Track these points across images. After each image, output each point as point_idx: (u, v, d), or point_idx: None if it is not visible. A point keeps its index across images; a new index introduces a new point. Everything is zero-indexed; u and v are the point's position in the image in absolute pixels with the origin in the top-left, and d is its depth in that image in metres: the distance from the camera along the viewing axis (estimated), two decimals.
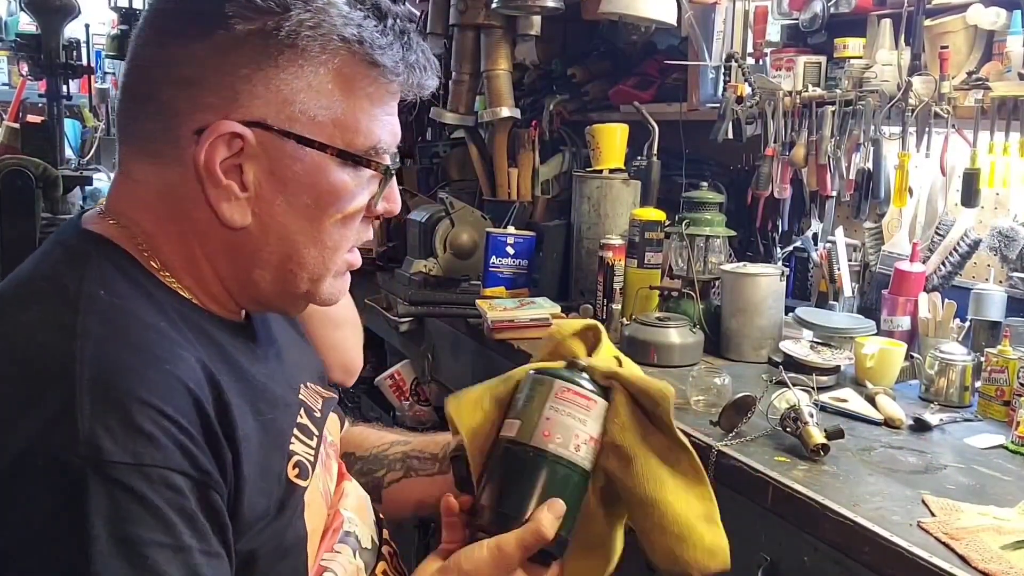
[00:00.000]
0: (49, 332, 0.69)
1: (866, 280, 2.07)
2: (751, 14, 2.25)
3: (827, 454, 1.31)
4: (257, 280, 0.82)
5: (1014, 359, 1.50)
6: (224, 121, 0.75)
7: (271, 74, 0.75)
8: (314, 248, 0.81)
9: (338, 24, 0.77)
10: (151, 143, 0.78)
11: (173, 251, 0.80)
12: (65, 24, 3.61)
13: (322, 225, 0.80)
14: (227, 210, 0.77)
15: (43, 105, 3.72)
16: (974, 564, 1.01)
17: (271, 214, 0.79)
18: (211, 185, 0.76)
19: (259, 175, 0.77)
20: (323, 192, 0.79)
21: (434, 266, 2.55)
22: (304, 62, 0.76)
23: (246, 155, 0.76)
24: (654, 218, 2.07)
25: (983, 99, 1.69)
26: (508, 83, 2.75)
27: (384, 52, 0.79)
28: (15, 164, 3.05)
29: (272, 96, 0.76)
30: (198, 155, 0.75)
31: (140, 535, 0.64)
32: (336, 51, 0.77)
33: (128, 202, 0.80)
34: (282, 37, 0.75)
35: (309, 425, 0.88)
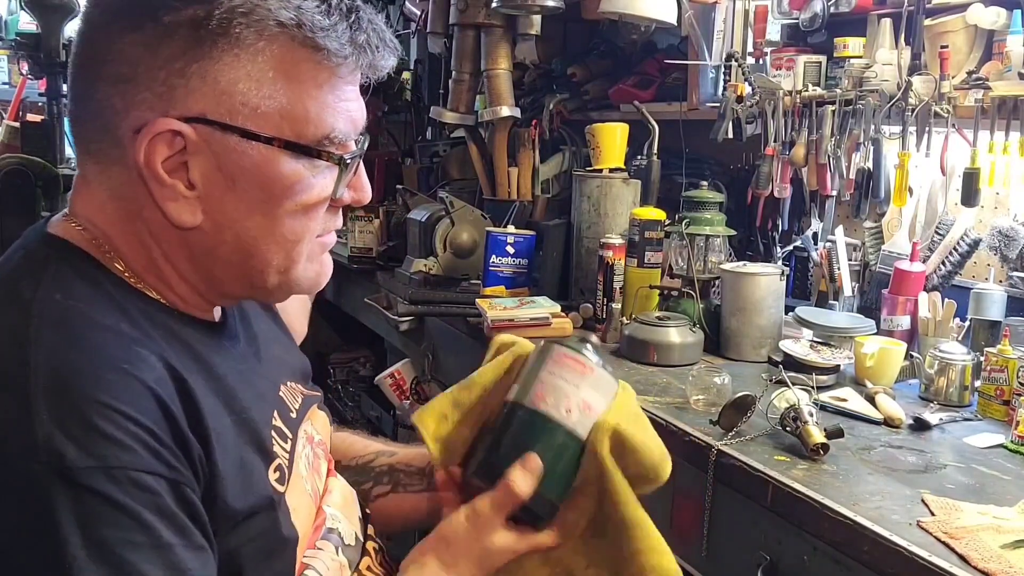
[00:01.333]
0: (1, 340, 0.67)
1: (866, 279, 2.07)
2: (751, 13, 2.25)
3: (827, 453, 1.31)
4: (221, 277, 0.80)
5: (1014, 359, 1.50)
6: (161, 119, 0.72)
7: (206, 66, 0.72)
8: (273, 243, 0.78)
9: (274, 8, 0.73)
10: (94, 144, 0.76)
11: (132, 252, 0.77)
12: (65, 23, 3.60)
13: (278, 219, 0.77)
14: (175, 210, 0.74)
15: (43, 104, 3.71)
16: (974, 563, 1.01)
17: (222, 211, 0.75)
18: (155, 185, 0.73)
19: (206, 172, 0.74)
20: (276, 185, 0.76)
21: (434, 265, 2.55)
22: (240, 51, 0.72)
23: (190, 152, 0.73)
24: (654, 217, 2.07)
25: (983, 99, 1.69)
26: (508, 82, 2.75)
27: (327, 34, 0.74)
28: (15, 163, 3.05)
29: (209, 89, 0.72)
30: (137, 156, 0.72)
31: (114, 537, 0.63)
32: (274, 37, 0.73)
33: (86, 204, 0.78)
34: (213, 26, 0.71)
35: (283, 427, 0.86)
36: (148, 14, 0.71)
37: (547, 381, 0.88)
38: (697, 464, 1.38)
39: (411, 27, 3.63)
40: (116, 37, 0.73)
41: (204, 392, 0.74)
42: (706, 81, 2.48)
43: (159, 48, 0.71)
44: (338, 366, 3.67)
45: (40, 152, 3.27)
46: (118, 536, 0.63)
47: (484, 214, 2.61)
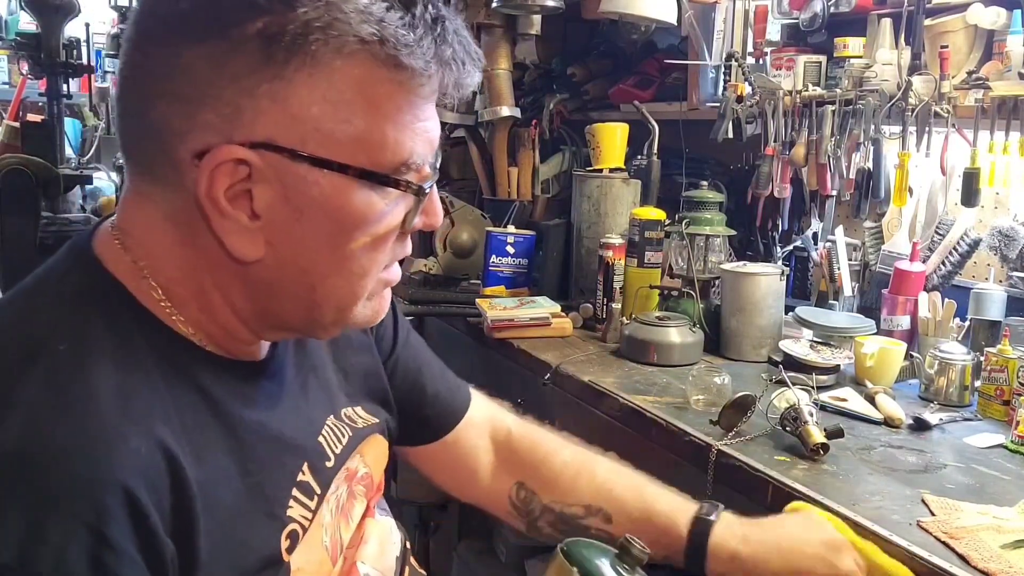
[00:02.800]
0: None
1: (866, 279, 2.07)
2: (751, 13, 2.25)
3: (827, 453, 1.31)
4: (277, 312, 0.73)
5: (1014, 358, 1.50)
6: (226, 147, 0.65)
7: (277, 86, 0.64)
8: (339, 277, 0.71)
9: (354, 22, 0.64)
10: (151, 164, 0.69)
11: (180, 279, 0.71)
12: (65, 23, 3.61)
13: (347, 252, 0.70)
14: (236, 243, 0.68)
15: (43, 104, 3.72)
16: (974, 563, 1.01)
17: (287, 244, 0.69)
18: (216, 216, 0.67)
19: (271, 202, 0.67)
20: (346, 218, 0.69)
21: (434, 265, 2.55)
22: (315, 70, 0.65)
23: (255, 180, 0.66)
24: (654, 217, 2.07)
25: (983, 98, 1.69)
26: (508, 82, 2.75)
27: (412, 51, 0.66)
28: (15, 163, 3.05)
29: (280, 112, 0.65)
30: (198, 184, 0.66)
31: None
32: (353, 55, 0.65)
33: (136, 219, 0.72)
34: (287, 42, 0.63)
35: (311, 482, 0.79)
36: (215, 27, 0.64)
37: None
38: (697, 464, 1.38)
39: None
40: (177, 51, 0.65)
41: (212, 458, 0.69)
42: (706, 81, 2.47)
43: (226, 65, 0.64)
44: None
45: (40, 152, 3.27)
46: None
47: (484, 214, 2.61)
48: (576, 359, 1.86)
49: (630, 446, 1.41)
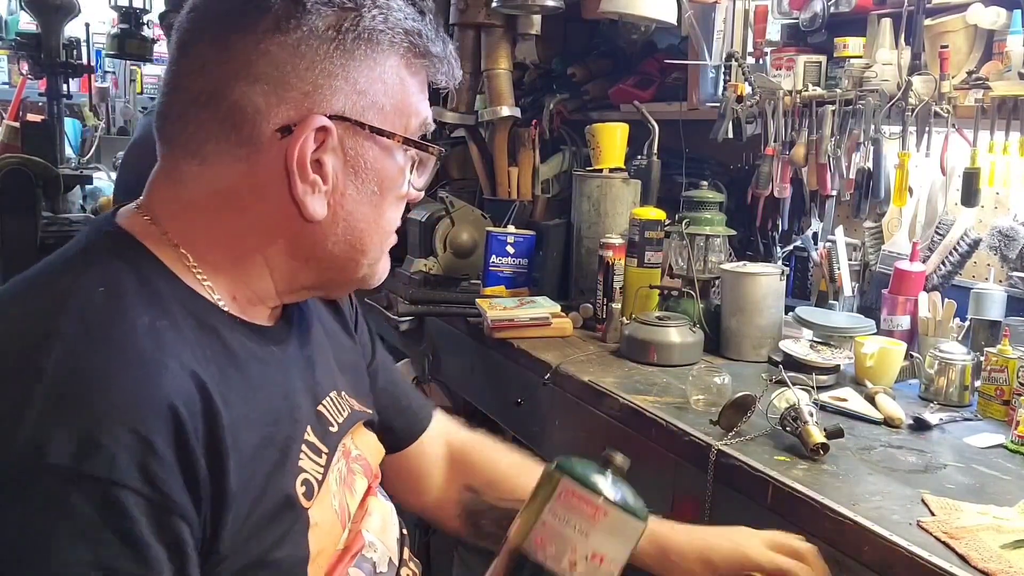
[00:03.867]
0: (26, 330, 0.67)
1: (866, 279, 2.07)
2: (751, 13, 2.25)
3: (827, 453, 1.31)
4: (315, 268, 0.83)
5: (1014, 358, 1.50)
6: (315, 115, 0.76)
7: (350, 68, 0.77)
8: (376, 233, 0.84)
9: (400, 19, 0.80)
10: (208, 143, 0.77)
11: (218, 248, 0.78)
12: (65, 23, 3.61)
13: (382, 210, 0.83)
14: (311, 203, 0.78)
15: (43, 104, 3.72)
16: (974, 563, 1.01)
17: (342, 204, 0.80)
18: (300, 179, 0.76)
19: (336, 167, 0.79)
20: (387, 178, 0.82)
21: (434, 265, 2.55)
22: (377, 54, 0.79)
23: (326, 149, 0.77)
24: (654, 217, 2.07)
25: (983, 98, 1.69)
26: (508, 82, 2.75)
27: (433, 42, 0.83)
28: (15, 163, 3.05)
29: (350, 88, 0.78)
30: (291, 150, 0.75)
31: (61, 546, 0.61)
32: (400, 43, 0.80)
33: (167, 200, 0.79)
34: (360, 31, 0.77)
35: (317, 443, 0.84)
36: (297, 19, 0.75)
37: (550, 524, 0.77)
38: (697, 464, 1.38)
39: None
40: (259, 39, 0.75)
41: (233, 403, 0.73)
42: (706, 81, 2.47)
43: (306, 51, 0.75)
44: None
45: (40, 152, 3.28)
46: (63, 546, 0.61)
47: (484, 214, 2.61)
48: (576, 359, 1.86)
49: (630, 446, 1.41)
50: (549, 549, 0.76)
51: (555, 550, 0.75)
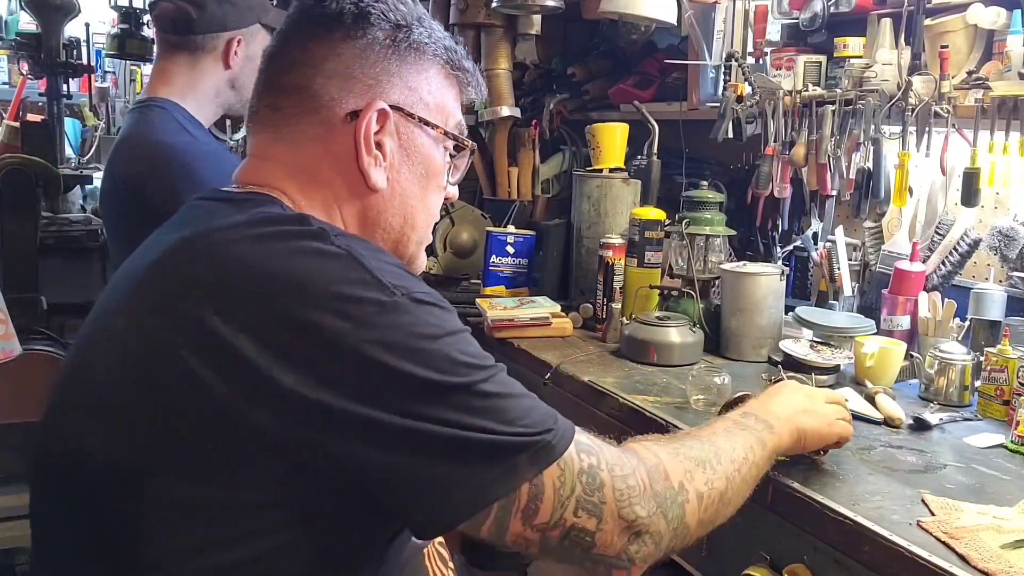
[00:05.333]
0: (309, 234, 0.84)
1: (866, 279, 2.07)
2: (751, 13, 2.25)
3: (827, 453, 1.31)
4: (376, 239, 0.98)
5: (1014, 358, 1.50)
6: (378, 101, 0.95)
7: (403, 68, 0.97)
8: (423, 213, 1.02)
9: (440, 37, 1.01)
10: (293, 126, 0.95)
11: (317, 212, 0.94)
12: (65, 23, 3.60)
13: (429, 193, 1.02)
14: (375, 174, 0.96)
15: (43, 104, 3.72)
16: (974, 563, 1.01)
17: (399, 180, 0.98)
18: (366, 152, 0.95)
19: (393, 148, 0.97)
20: (432, 165, 1.01)
21: (434, 265, 2.55)
22: (424, 61, 0.99)
23: (385, 132, 0.96)
24: (654, 217, 2.07)
25: (983, 98, 1.69)
26: (508, 82, 2.76)
27: (466, 60, 1.04)
28: (15, 163, 3.05)
29: (404, 84, 0.97)
30: (359, 127, 0.94)
31: (456, 327, 0.86)
32: (440, 55, 1.01)
33: (267, 176, 0.95)
34: (411, 42, 0.97)
35: None
36: (361, 28, 0.95)
37: None
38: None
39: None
40: (335, 45, 0.95)
41: None
42: (706, 81, 2.47)
43: (369, 54, 0.95)
44: None
45: (40, 152, 3.27)
46: (459, 326, 0.86)
47: (484, 214, 2.62)
48: (576, 359, 1.86)
49: None
50: None
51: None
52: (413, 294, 0.83)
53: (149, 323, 0.82)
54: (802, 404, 1.20)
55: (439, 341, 0.82)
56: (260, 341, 0.77)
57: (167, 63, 1.74)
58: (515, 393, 0.88)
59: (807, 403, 1.21)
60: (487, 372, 0.85)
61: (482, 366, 0.85)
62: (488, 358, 0.88)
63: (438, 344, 0.82)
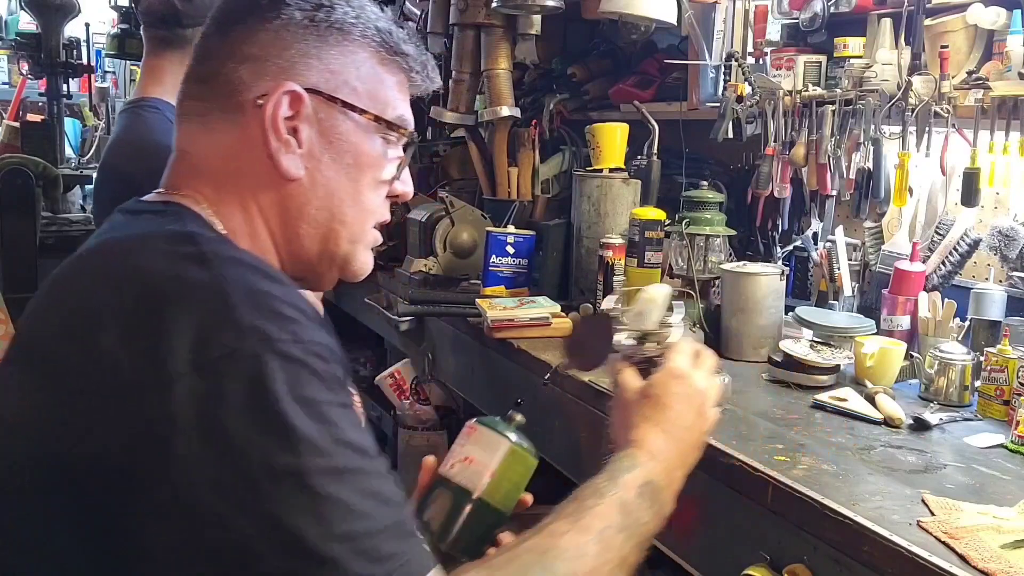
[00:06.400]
0: (184, 259, 0.78)
1: (866, 279, 2.06)
2: (751, 13, 2.25)
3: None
4: (303, 236, 0.92)
5: (1014, 358, 1.50)
6: (288, 82, 0.88)
7: (323, 50, 0.90)
8: (354, 208, 0.93)
9: (372, 18, 0.93)
10: (210, 114, 0.90)
11: (233, 210, 0.89)
12: (65, 23, 3.61)
13: (361, 187, 0.93)
14: (285, 161, 0.88)
15: (43, 104, 3.72)
16: (974, 563, 1.01)
17: (319, 170, 0.91)
18: (274, 138, 0.88)
19: (311, 135, 0.90)
20: (363, 155, 0.93)
21: (434, 265, 2.55)
22: (348, 43, 0.91)
23: (302, 117, 0.89)
24: (654, 217, 2.07)
25: (983, 98, 1.69)
26: (508, 82, 2.75)
27: (406, 43, 0.95)
28: (15, 163, 3.05)
29: (323, 67, 0.90)
30: (265, 111, 0.87)
31: (316, 395, 0.73)
32: (372, 37, 0.93)
33: (186, 177, 0.91)
34: (332, 21, 0.90)
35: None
36: (280, 11, 0.89)
37: (451, 449, 1.06)
38: (697, 464, 1.38)
39: (411, 27, 3.63)
40: (250, 28, 0.89)
41: None
42: (706, 81, 2.47)
43: (285, 35, 0.89)
44: None
45: (40, 152, 3.28)
46: (317, 396, 0.73)
47: (484, 214, 2.61)
48: None
49: None
50: (444, 463, 1.04)
51: (447, 461, 1.04)
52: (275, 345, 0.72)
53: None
54: (691, 430, 1.06)
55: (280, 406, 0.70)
56: None
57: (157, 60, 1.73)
58: (378, 499, 0.72)
59: (695, 419, 1.07)
60: (333, 460, 0.71)
61: (324, 451, 0.71)
62: (361, 448, 0.74)
63: (277, 410, 0.70)
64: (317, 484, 0.69)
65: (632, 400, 1.08)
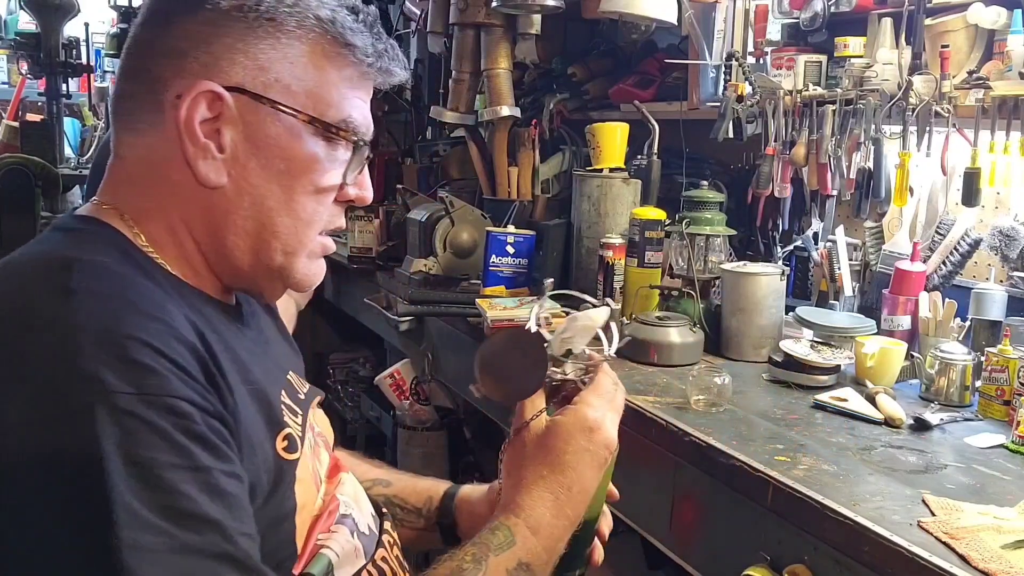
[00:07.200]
0: (45, 291, 0.71)
1: (866, 279, 2.06)
2: (751, 13, 2.25)
3: None
4: (232, 248, 0.84)
5: (1014, 358, 1.50)
6: (204, 81, 0.79)
7: (251, 44, 0.81)
8: (287, 217, 0.84)
9: (313, 5, 0.83)
10: (136, 114, 0.83)
11: (156, 222, 0.83)
12: (65, 23, 3.61)
13: (295, 194, 0.84)
14: (203, 168, 0.81)
15: (43, 104, 3.72)
16: (974, 563, 1.00)
17: (245, 177, 0.82)
18: (190, 143, 0.80)
19: (235, 138, 0.81)
20: (296, 160, 0.83)
21: (434, 265, 2.55)
22: (281, 35, 0.81)
23: (224, 119, 0.80)
24: (654, 217, 2.07)
25: (984, 98, 1.69)
26: (508, 82, 2.75)
27: (355, 34, 0.84)
28: (15, 162, 3.05)
29: (250, 63, 0.81)
30: (179, 113, 0.79)
31: (152, 458, 0.65)
32: (311, 28, 0.83)
33: (117, 183, 0.85)
34: (262, 11, 0.81)
35: (293, 405, 0.90)
36: (207, 0, 0.81)
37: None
38: (697, 464, 1.38)
39: (411, 27, 3.63)
40: (175, 19, 0.81)
41: (223, 357, 0.78)
42: (706, 81, 2.47)
43: (212, 27, 0.80)
44: (338, 366, 3.67)
45: (40, 152, 3.28)
46: (155, 457, 0.66)
47: (484, 214, 2.61)
48: None
49: (630, 446, 1.40)
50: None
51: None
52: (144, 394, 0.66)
53: None
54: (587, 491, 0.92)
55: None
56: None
57: None
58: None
59: (594, 476, 0.93)
60: (152, 534, 0.64)
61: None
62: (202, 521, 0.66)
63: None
64: (127, 560, 0.62)
65: (530, 446, 0.91)
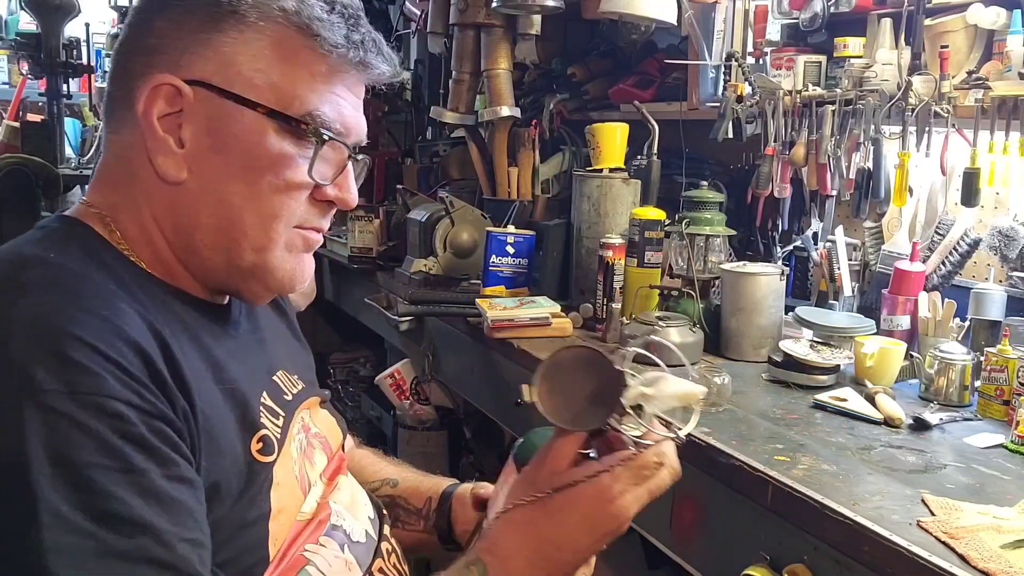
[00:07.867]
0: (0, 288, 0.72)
1: (866, 279, 2.06)
2: (751, 13, 2.25)
3: None
4: (200, 246, 0.83)
5: (1014, 358, 1.50)
6: (162, 74, 0.79)
7: (215, 38, 0.80)
8: (252, 214, 0.82)
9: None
10: (116, 113, 0.84)
11: (131, 220, 0.83)
12: (65, 23, 3.61)
13: (260, 191, 0.82)
14: (162, 163, 0.80)
15: (43, 104, 3.72)
16: (973, 563, 1.01)
17: (207, 172, 0.81)
18: (150, 137, 0.80)
19: (196, 133, 0.81)
20: (260, 156, 0.81)
21: (434, 265, 2.55)
22: (245, 27, 0.81)
23: (186, 114, 0.80)
24: (654, 217, 2.07)
25: (983, 98, 1.69)
26: (508, 82, 2.75)
27: (323, 24, 0.82)
28: (15, 163, 3.05)
29: (213, 56, 0.80)
30: (138, 107, 0.80)
31: (80, 458, 0.64)
32: (275, 20, 0.82)
33: (101, 183, 0.86)
34: (225, 4, 0.81)
35: (274, 406, 0.88)
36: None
37: None
38: (697, 464, 1.38)
39: (411, 27, 3.63)
40: (150, 18, 0.83)
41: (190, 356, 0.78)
42: (706, 81, 2.47)
43: (178, 23, 0.81)
44: (338, 366, 3.67)
45: (40, 152, 3.28)
46: (85, 459, 0.65)
47: (484, 214, 2.61)
48: None
49: None
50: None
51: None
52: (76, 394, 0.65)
53: None
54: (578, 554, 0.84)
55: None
56: None
57: None
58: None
59: (590, 545, 0.84)
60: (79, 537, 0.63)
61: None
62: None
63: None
64: (49, 563, 0.61)
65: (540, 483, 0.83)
